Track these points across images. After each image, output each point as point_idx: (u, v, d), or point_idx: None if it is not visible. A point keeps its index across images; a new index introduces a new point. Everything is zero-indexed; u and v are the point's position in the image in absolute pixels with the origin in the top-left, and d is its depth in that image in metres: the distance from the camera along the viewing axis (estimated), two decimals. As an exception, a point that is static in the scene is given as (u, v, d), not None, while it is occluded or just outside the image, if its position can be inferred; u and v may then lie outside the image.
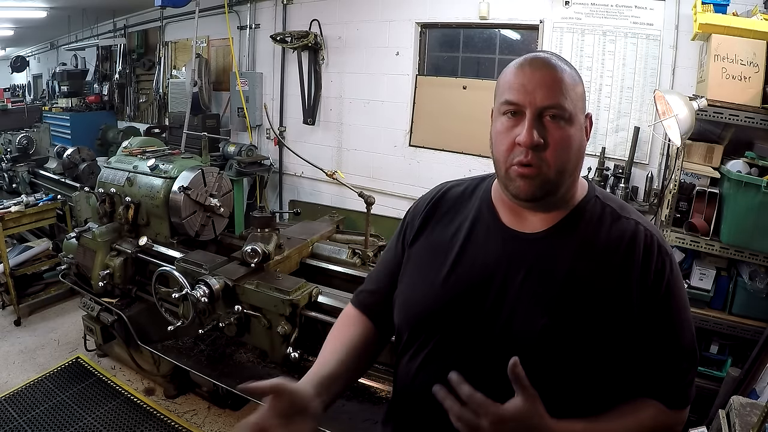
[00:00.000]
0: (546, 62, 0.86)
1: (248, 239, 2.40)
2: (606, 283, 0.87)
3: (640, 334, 0.88)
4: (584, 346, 0.86)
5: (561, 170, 0.85)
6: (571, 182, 0.90)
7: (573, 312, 0.86)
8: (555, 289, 0.87)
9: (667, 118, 2.19)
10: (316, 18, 4.37)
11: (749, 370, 2.25)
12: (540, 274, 0.89)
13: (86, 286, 2.86)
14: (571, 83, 0.85)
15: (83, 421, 2.66)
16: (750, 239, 2.30)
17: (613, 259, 0.88)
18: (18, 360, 3.23)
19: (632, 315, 0.86)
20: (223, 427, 2.70)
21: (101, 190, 2.84)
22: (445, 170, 3.90)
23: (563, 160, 0.85)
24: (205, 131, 4.28)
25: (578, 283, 0.87)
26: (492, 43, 3.82)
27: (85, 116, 6.92)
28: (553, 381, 0.87)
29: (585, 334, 0.86)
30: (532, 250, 0.90)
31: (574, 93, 0.86)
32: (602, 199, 0.95)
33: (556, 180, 0.86)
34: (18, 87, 10.25)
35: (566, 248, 0.89)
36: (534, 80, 0.84)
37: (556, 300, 0.87)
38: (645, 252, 0.88)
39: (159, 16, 5.94)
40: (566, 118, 0.84)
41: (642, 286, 0.87)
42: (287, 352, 2.09)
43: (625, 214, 0.92)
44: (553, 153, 0.84)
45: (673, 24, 3.00)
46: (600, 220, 0.92)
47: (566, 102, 0.84)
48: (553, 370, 0.87)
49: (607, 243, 0.89)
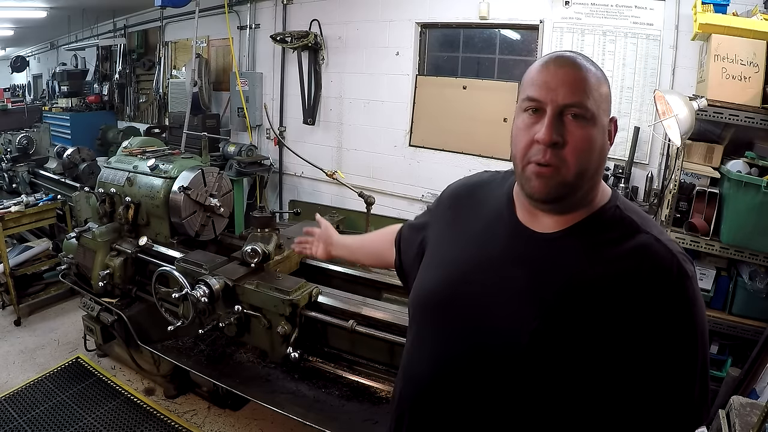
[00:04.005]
0: (570, 60, 0.83)
1: (248, 239, 2.40)
2: (609, 299, 0.80)
3: (641, 367, 0.79)
4: (575, 361, 0.80)
5: (580, 172, 0.82)
6: (590, 186, 0.86)
7: (567, 321, 0.81)
8: (552, 293, 0.83)
9: (667, 118, 2.19)
10: (316, 18, 4.37)
11: (749, 370, 2.25)
12: (541, 275, 0.85)
13: (86, 286, 2.86)
14: (595, 83, 0.82)
15: (83, 421, 2.66)
16: (750, 239, 2.30)
17: (621, 273, 0.81)
18: (18, 360, 3.23)
19: (634, 342, 0.79)
20: (223, 427, 2.70)
21: (101, 190, 2.83)
22: (445, 170, 3.90)
23: (583, 161, 0.81)
24: (205, 131, 4.28)
25: (579, 293, 0.81)
26: (492, 43, 3.82)
27: (85, 116, 6.93)
28: (537, 394, 0.82)
29: (578, 348, 0.80)
30: (540, 250, 0.87)
31: (598, 93, 0.82)
32: (623, 208, 0.88)
33: (573, 182, 0.82)
34: (18, 87, 10.26)
35: (574, 254, 0.85)
36: (557, 78, 0.82)
37: (551, 305, 0.82)
38: (661, 272, 0.80)
39: (159, 16, 5.94)
40: (588, 118, 0.81)
41: (651, 311, 0.79)
42: (287, 352, 2.09)
43: (645, 228, 0.85)
44: (573, 153, 0.81)
45: (673, 24, 3.00)
46: (616, 230, 0.85)
47: (589, 101, 0.81)
48: (538, 381, 0.82)
49: (618, 255, 0.82)
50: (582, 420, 0.82)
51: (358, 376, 2.22)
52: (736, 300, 2.46)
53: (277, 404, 2.15)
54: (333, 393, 2.19)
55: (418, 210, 4.16)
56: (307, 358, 2.25)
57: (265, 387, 2.30)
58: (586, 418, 0.82)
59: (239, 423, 2.72)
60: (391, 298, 2.47)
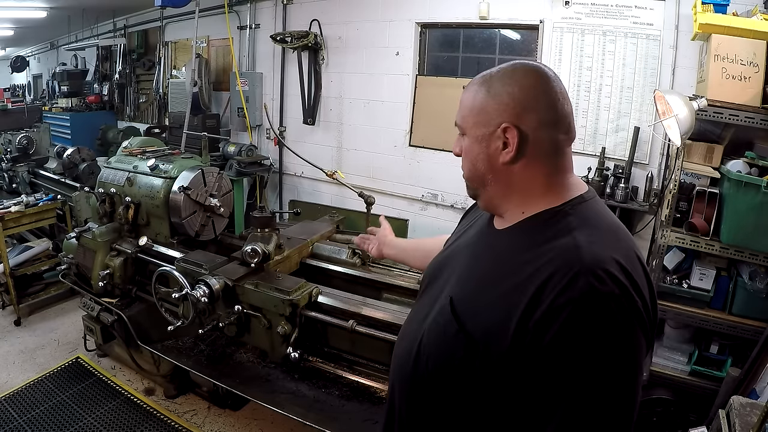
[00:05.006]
0: (469, 85, 0.96)
1: (248, 239, 2.40)
2: (502, 295, 0.81)
3: (519, 373, 0.77)
4: (464, 347, 0.84)
5: (468, 177, 0.98)
6: (501, 190, 0.92)
7: (464, 306, 0.88)
8: (467, 279, 0.93)
9: (667, 118, 2.19)
10: (316, 18, 4.37)
11: (749, 370, 2.25)
12: (474, 262, 0.96)
13: (86, 286, 2.86)
14: (465, 101, 0.94)
15: (83, 421, 2.66)
16: (750, 239, 2.30)
17: (522, 272, 0.80)
18: (18, 360, 3.23)
19: (513, 345, 0.77)
20: (223, 427, 2.70)
21: (101, 190, 2.84)
22: (445, 170, 3.90)
23: (465, 169, 0.98)
24: (205, 131, 4.27)
25: (484, 283, 0.88)
26: (492, 43, 3.82)
27: (85, 116, 6.92)
28: (440, 369, 0.90)
29: (467, 335, 0.84)
30: (486, 242, 0.98)
31: (466, 109, 0.93)
32: (573, 213, 0.85)
33: (470, 185, 0.99)
34: (18, 87, 10.26)
35: (500, 249, 0.91)
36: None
37: (461, 289, 0.92)
38: (555, 274, 0.75)
39: (159, 16, 5.94)
40: (462, 134, 0.96)
41: (530, 314, 0.75)
42: (287, 352, 2.09)
43: (576, 233, 0.80)
44: (462, 162, 0.99)
45: (673, 24, 3.00)
46: (545, 232, 0.84)
47: (459, 119, 0.96)
48: (439, 356, 0.90)
49: (529, 255, 0.81)
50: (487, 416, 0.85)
51: (358, 376, 2.22)
52: (736, 300, 2.46)
53: (277, 404, 2.15)
54: (333, 393, 2.20)
55: (418, 210, 4.17)
56: (307, 358, 2.25)
57: (265, 387, 2.31)
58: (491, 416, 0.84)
59: (239, 423, 2.72)
60: (391, 298, 2.47)
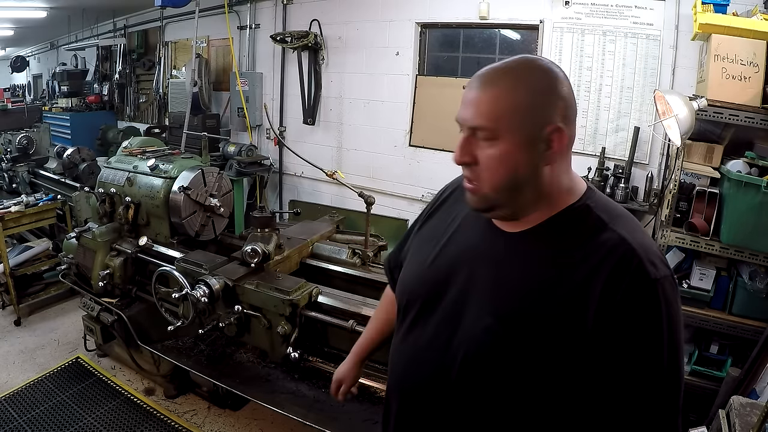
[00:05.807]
0: (479, 81, 0.84)
1: (248, 239, 2.40)
2: (563, 298, 0.79)
3: (599, 372, 0.77)
4: (529, 360, 0.80)
5: (496, 188, 0.83)
6: (534, 195, 0.84)
7: (519, 319, 0.81)
8: (507, 291, 0.84)
9: (667, 118, 2.19)
10: (316, 18, 4.37)
11: (749, 370, 2.25)
12: (501, 272, 0.87)
13: (86, 286, 2.86)
14: (499, 100, 0.81)
15: (83, 421, 2.66)
16: (750, 239, 2.30)
17: (578, 272, 0.79)
18: (18, 360, 3.23)
19: (590, 346, 0.77)
20: (223, 427, 2.70)
21: (101, 190, 2.83)
22: (445, 170, 3.87)
23: (495, 179, 0.82)
24: (205, 131, 4.28)
25: (534, 291, 0.82)
26: (492, 43, 3.82)
27: (85, 116, 6.92)
28: (495, 394, 0.84)
29: (530, 348, 0.80)
30: (504, 247, 0.89)
31: (503, 110, 0.80)
32: (594, 207, 0.86)
33: (495, 196, 0.84)
34: (18, 87, 10.26)
35: (533, 252, 0.85)
36: (467, 99, 0.84)
37: (505, 302, 0.84)
38: (616, 270, 0.77)
39: (159, 16, 5.94)
40: (494, 138, 0.81)
41: (608, 314, 0.76)
42: (287, 352, 2.09)
43: (612, 226, 0.82)
44: (485, 171, 0.83)
45: (673, 24, 3.00)
46: (580, 230, 0.83)
47: (488, 121, 0.81)
48: (495, 380, 0.83)
49: (578, 254, 0.81)
50: (541, 422, 0.83)
51: (358, 376, 2.22)
52: (736, 300, 2.45)
53: (277, 404, 2.15)
54: (333, 393, 2.20)
55: (418, 210, 4.15)
56: (307, 358, 2.25)
57: (265, 387, 2.31)
58: (546, 421, 0.83)
59: (239, 423, 2.72)
60: (391, 298, 2.47)
